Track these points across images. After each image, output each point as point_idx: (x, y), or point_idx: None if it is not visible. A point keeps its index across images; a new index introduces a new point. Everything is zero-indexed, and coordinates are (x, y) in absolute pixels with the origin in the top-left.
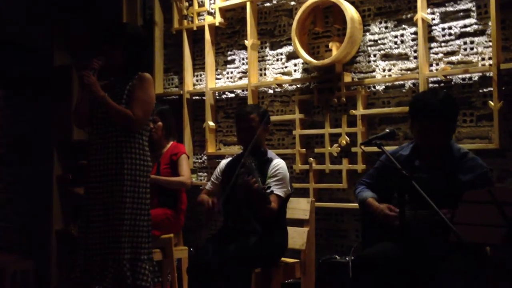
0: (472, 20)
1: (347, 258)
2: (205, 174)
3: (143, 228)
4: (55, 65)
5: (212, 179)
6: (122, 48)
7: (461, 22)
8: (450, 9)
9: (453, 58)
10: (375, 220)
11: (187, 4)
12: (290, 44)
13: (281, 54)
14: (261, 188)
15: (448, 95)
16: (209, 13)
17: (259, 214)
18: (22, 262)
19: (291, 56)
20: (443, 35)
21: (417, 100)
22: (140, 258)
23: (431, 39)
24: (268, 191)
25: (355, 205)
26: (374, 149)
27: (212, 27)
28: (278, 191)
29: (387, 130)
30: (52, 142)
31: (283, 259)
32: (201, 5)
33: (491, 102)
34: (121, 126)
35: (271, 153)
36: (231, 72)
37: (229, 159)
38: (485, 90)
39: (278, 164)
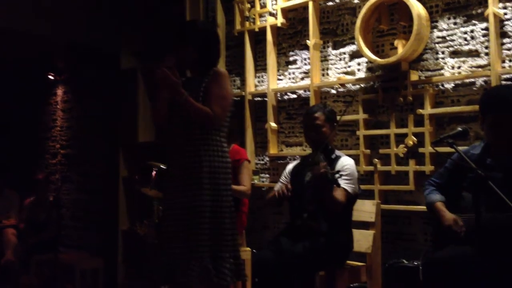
0: None
1: (415, 263)
2: (267, 175)
3: (224, 225)
4: (122, 68)
5: (280, 180)
6: (194, 44)
7: None
8: None
9: None
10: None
11: (249, 5)
12: (353, 43)
13: (344, 53)
14: (330, 172)
15: None
16: (271, 14)
17: (326, 204)
18: (92, 260)
19: (355, 55)
20: None
21: (491, 94)
22: (221, 255)
23: (503, 34)
24: (337, 175)
25: (423, 207)
26: (445, 149)
27: (274, 28)
28: (346, 186)
29: (460, 129)
30: (118, 143)
31: (348, 262)
32: (263, 6)
33: None
34: (199, 123)
35: (339, 152)
36: (293, 73)
37: (296, 161)
38: None
39: (347, 161)
